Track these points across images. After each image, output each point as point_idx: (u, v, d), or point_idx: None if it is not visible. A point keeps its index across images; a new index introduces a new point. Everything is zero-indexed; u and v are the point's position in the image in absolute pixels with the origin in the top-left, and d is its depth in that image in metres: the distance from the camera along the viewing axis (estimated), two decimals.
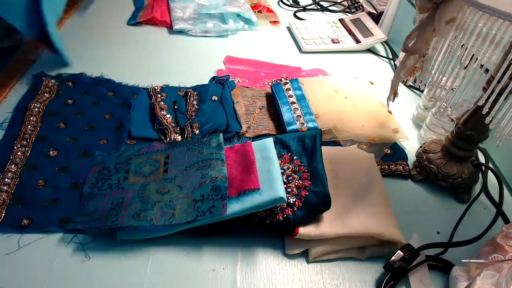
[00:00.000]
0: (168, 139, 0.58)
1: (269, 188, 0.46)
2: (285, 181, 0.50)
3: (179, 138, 0.58)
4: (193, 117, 0.62)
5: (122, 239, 0.46)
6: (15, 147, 0.53)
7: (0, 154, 0.52)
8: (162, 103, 0.64)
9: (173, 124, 0.61)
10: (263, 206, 0.45)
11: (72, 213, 0.47)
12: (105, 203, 0.48)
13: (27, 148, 0.53)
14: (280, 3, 1.08)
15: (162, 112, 0.62)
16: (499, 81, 0.43)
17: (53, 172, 0.51)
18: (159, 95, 0.65)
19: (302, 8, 1.06)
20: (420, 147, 0.63)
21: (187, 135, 0.59)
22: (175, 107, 0.64)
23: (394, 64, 0.87)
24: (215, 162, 0.50)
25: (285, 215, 0.47)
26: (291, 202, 0.48)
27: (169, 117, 0.62)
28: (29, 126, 0.57)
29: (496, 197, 0.58)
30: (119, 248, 0.45)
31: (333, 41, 0.90)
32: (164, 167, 0.52)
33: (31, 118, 0.58)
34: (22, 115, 0.58)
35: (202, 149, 0.53)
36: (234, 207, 0.45)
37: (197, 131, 0.60)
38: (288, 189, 0.48)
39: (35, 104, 0.60)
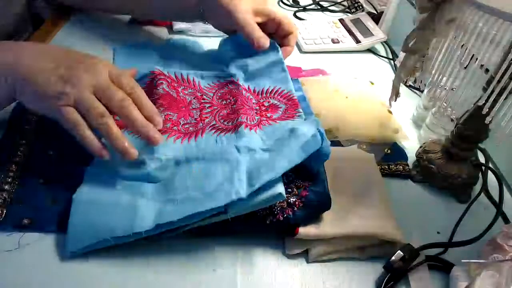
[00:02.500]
0: None
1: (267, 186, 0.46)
2: (285, 181, 0.50)
3: None
4: None
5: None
6: (15, 146, 0.53)
7: (1, 153, 0.52)
8: None
9: None
10: (262, 203, 0.45)
11: None
12: None
13: (26, 147, 0.53)
14: (280, 3, 1.08)
15: None
16: (499, 81, 0.43)
17: (53, 171, 0.51)
18: None
19: (302, 8, 1.06)
20: (420, 147, 0.63)
21: None
22: None
23: (394, 64, 0.87)
24: None
25: (285, 215, 0.47)
26: (291, 202, 0.47)
27: None
28: (28, 126, 0.56)
29: (496, 197, 0.58)
30: (119, 248, 0.45)
31: (333, 41, 0.90)
32: None
33: (30, 117, 0.58)
34: (22, 114, 0.58)
35: None
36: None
37: None
38: (288, 189, 0.48)
39: None
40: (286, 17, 0.68)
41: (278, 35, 0.68)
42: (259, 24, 0.64)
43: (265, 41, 0.61)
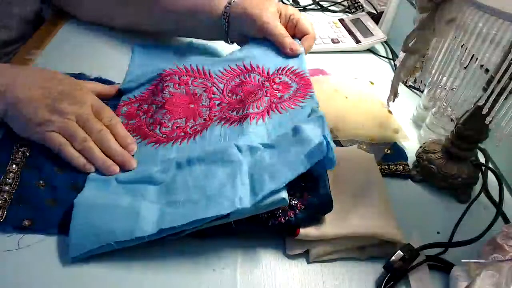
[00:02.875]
0: None
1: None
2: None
3: None
4: None
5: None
6: (15, 147, 0.53)
7: (1, 154, 0.52)
8: None
9: None
10: (265, 207, 0.45)
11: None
12: None
13: (26, 148, 0.53)
14: (280, 3, 1.08)
15: None
16: (499, 81, 0.43)
17: (53, 172, 0.51)
18: None
19: (302, 8, 1.06)
20: (420, 147, 0.63)
21: None
22: None
23: (394, 64, 0.87)
24: None
25: (287, 218, 0.46)
26: (293, 204, 0.47)
27: None
28: None
29: (496, 197, 0.58)
30: (118, 250, 0.45)
31: (333, 41, 0.90)
32: None
33: None
34: None
35: None
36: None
37: None
38: (290, 192, 0.48)
39: None
40: (304, 18, 0.69)
41: (296, 36, 0.69)
42: None
43: (298, 47, 0.64)
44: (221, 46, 0.79)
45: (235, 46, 0.74)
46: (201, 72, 0.63)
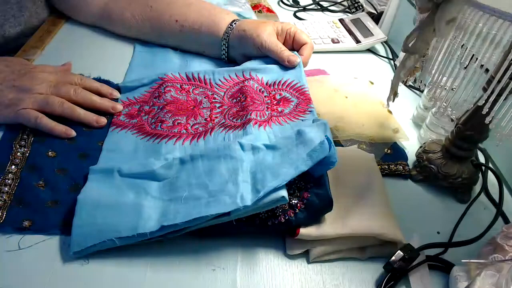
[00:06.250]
0: None
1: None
2: (287, 182, 0.50)
3: None
4: None
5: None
6: (14, 148, 0.53)
7: (0, 154, 0.52)
8: None
9: None
10: (265, 206, 0.45)
11: (72, 215, 0.47)
12: None
13: (26, 149, 0.53)
14: (280, 3, 1.08)
15: None
16: (499, 81, 0.43)
17: (53, 173, 0.51)
18: None
19: (302, 8, 1.06)
20: (420, 147, 0.63)
21: None
22: None
23: (394, 64, 0.87)
24: None
25: (287, 217, 0.47)
26: (293, 203, 0.47)
27: None
28: (28, 127, 0.56)
29: (496, 197, 0.58)
30: (119, 248, 0.45)
31: (333, 41, 0.90)
32: None
33: None
34: None
35: None
36: None
37: None
38: (290, 191, 0.48)
39: None
40: (300, 30, 0.71)
41: (295, 48, 0.71)
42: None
43: (295, 58, 0.66)
44: None
45: None
46: (202, 80, 0.64)
